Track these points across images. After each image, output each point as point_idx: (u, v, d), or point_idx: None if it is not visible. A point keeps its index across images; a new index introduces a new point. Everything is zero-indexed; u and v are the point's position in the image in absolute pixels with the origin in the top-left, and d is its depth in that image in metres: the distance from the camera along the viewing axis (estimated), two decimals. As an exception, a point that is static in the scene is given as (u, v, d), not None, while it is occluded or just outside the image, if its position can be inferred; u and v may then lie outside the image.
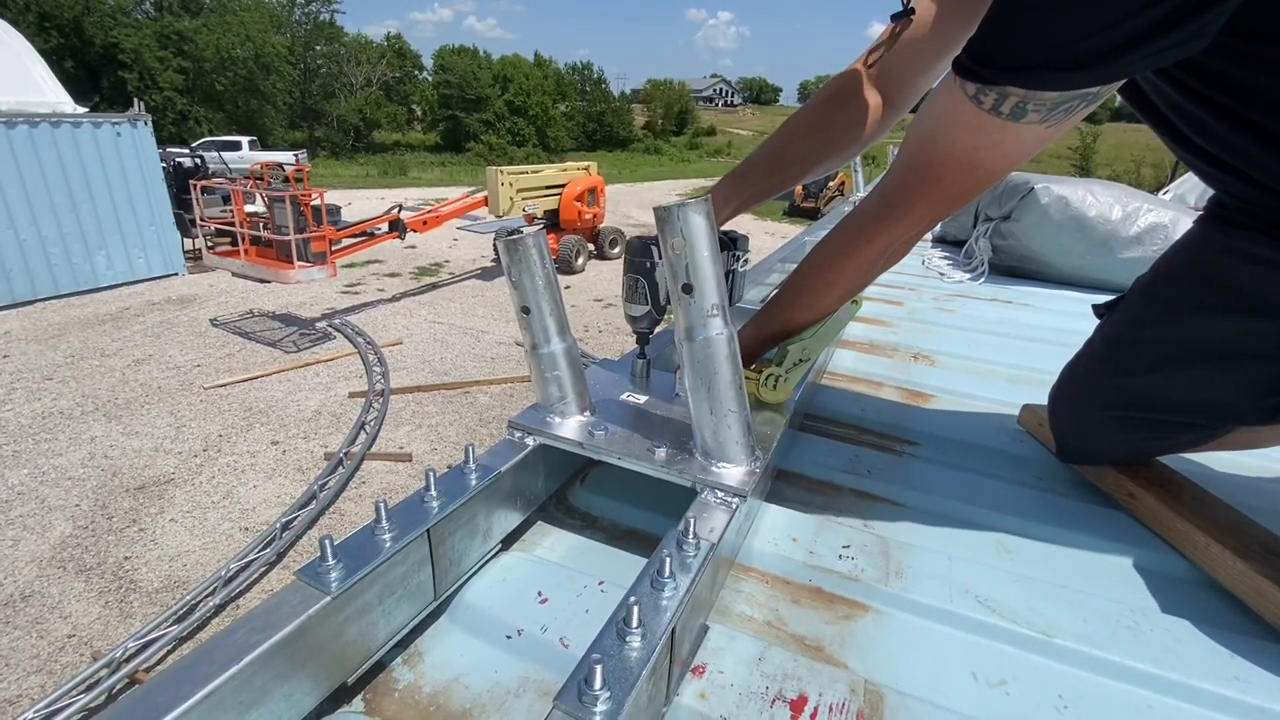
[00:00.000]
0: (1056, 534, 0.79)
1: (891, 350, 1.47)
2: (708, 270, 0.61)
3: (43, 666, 2.71)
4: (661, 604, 0.50)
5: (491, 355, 6.35)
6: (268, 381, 5.50)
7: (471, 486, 0.65)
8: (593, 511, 0.83)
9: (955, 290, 2.11)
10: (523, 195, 8.81)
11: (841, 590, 0.69)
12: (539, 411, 0.79)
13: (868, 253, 0.77)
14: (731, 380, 0.65)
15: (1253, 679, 0.58)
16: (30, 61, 7.65)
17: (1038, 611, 0.65)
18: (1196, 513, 0.76)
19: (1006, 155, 0.63)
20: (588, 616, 0.62)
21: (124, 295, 7.67)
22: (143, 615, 2.98)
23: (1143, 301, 0.82)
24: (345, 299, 8.00)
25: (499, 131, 35.47)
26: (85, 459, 4.24)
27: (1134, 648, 0.61)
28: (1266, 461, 0.98)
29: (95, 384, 5.33)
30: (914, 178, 0.70)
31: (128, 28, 23.31)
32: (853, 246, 0.78)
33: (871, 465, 0.93)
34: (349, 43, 33.16)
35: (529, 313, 0.73)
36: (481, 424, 4.95)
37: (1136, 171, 25.06)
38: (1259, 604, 0.65)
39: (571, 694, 0.42)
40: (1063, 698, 0.57)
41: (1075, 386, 0.89)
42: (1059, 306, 1.93)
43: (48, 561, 3.31)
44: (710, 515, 0.63)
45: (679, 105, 52.40)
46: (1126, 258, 2.06)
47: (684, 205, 0.58)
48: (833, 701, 0.55)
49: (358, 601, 0.53)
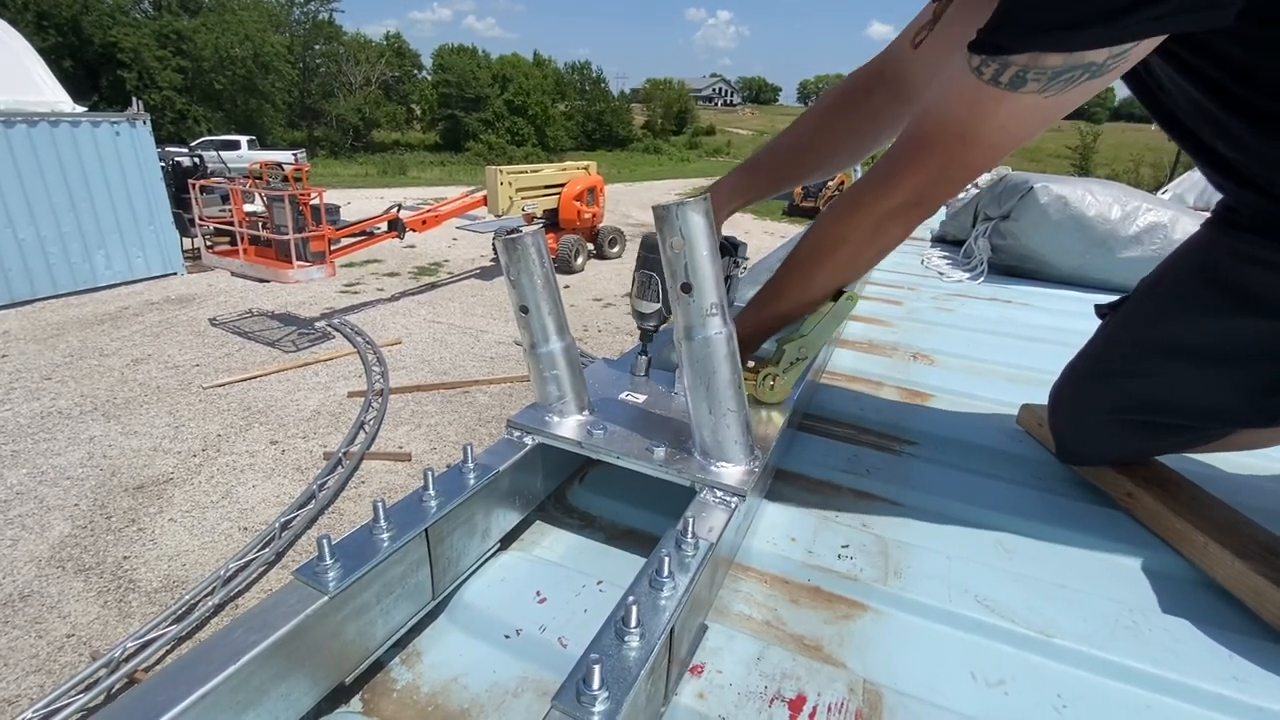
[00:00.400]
0: (1055, 533, 0.79)
1: (891, 350, 1.47)
2: (707, 269, 0.60)
3: (41, 666, 2.71)
4: (660, 603, 0.50)
5: (490, 355, 6.34)
6: (267, 381, 5.50)
7: (470, 486, 0.65)
8: (591, 511, 0.82)
9: (954, 289, 2.11)
10: (522, 195, 8.80)
11: (840, 590, 0.69)
12: (538, 411, 0.79)
13: (857, 220, 0.76)
14: (730, 379, 0.65)
15: (1251, 678, 0.58)
16: (29, 61, 7.63)
17: (1036, 611, 0.65)
18: (1195, 512, 0.76)
19: (1002, 129, 0.62)
20: (586, 616, 0.62)
21: (123, 295, 7.67)
22: (141, 615, 2.98)
23: (1146, 303, 0.81)
24: (344, 298, 8.00)
25: (498, 131, 35.45)
26: (84, 459, 4.23)
27: (1133, 647, 0.61)
28: (1265, 461, 0.98)
29: (94, 384, 5.32)
30: (907, 148, 0.71)
31: (126, 27, 23.29)
32: (844, 212, 0.77)
33: (870, 465, 0.93)
34: (348, 42, 33.13)
35: (527, 312, 0.72)
36: (480, 423, 4.95)
37: (1136, 171, 25.11)
38: (1257, 604, 0.65)
39: (570, 694, 0.41)
40: (1061, 697, 0.57)
41: (1075, 387, 0.89)
42: (1058, 306, 1.93)
43: (46, 561, 3.31)
44: (709, 515, 0.63)
45: (678, 105, 52.39)
46: (1126, 257, 2.06)
47: (683, 204, 0.58)
48: (831, 701, 0.55)
49: (356, 601, 0.53)
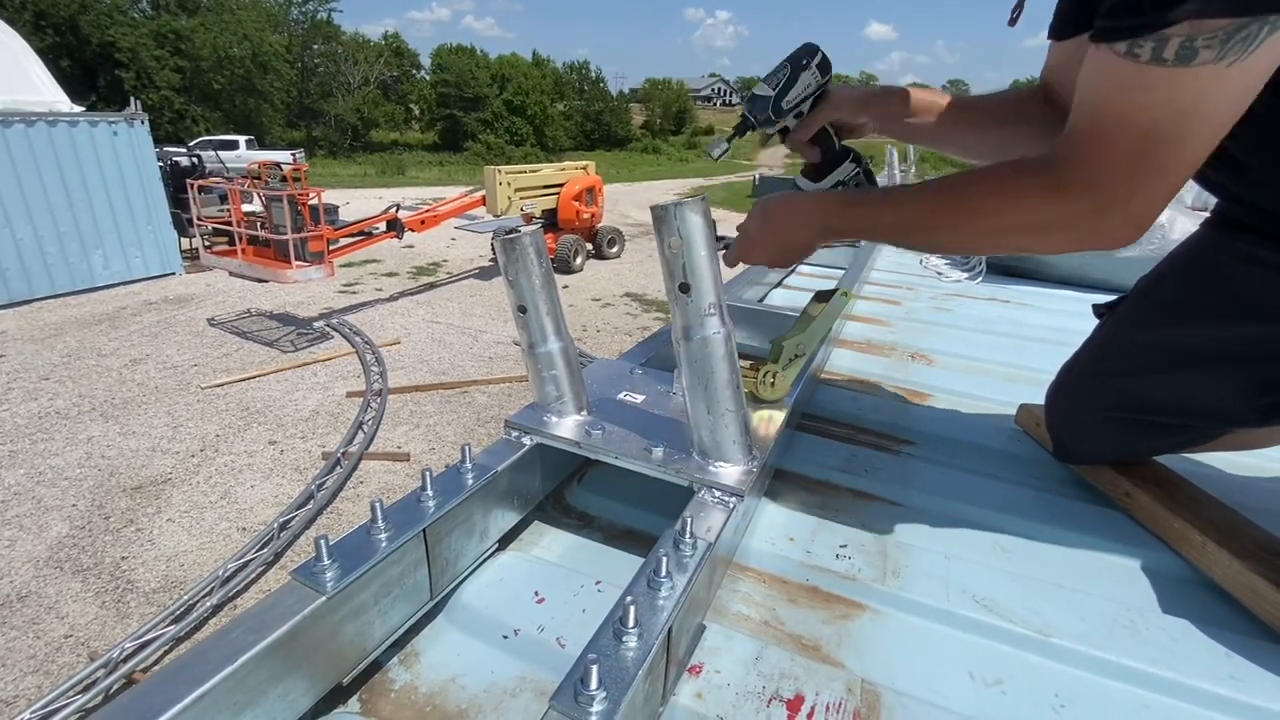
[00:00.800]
0: (1053, 533, 0.79)
1: (889, 350, 1.47)
2: (705, 269, 0.61)
3: (39, 667, 2.70)
4: (658, 603, 0.50)
5: (489, 355, 6.34)
6: (265, 381, 5.49)
7: (468, 486, 0.64)
8: (590, 511, 0.82)
9: (953, 290, 2.11)
10: (521, 195, 8.79)
11: (839, 590, 0.69)
12: (536, 411, 0.79)
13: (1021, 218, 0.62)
14: (729, 379, 0.65)
15: (1249, 678, 0.58)
16: (26, 60, 7.62)
17: (1034, 611, 0.65)
18: (1192, 512, 0.76)
19: (1189, 112, 0.50)
20: (585, 616, 0.62)
21: (121, 295, 7.65)
22: (140, 615, 2.97)
23: (1144, 303, 0.81)
24: (343, 298, 7.98)
25: (497, 131, 35.46)
26: (82, 459, 4.22)
27: (1130, 647, 0.61)
28: (1263, 460, 0.99)
29: (92, 384, 5.31)
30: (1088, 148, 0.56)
31: (124, 26, 23.24)
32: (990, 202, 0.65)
33: (869, 465, 0.93)
34: (346, 42, 33.12)
35: (526, 312, 0.73)
36: (479, 423, 4.94)
37: (1134, 171, 25.20)
38: (1255, 603, 0.65)
39: (568, 694, 0.41)
40: (1059, 697, 0.57)
41: (1072, 386, 0.89)
42: (1056, 306, 1.93)
43: (44, 562, 3.30)
44: (707, 515, 0.63)
45: (677, 105, 52.43)
46: (1124, 257, 2.05)
47: (680, 204, 0.58)
48: (829, 701, 0.55)
49: (353, 601, 0.53)
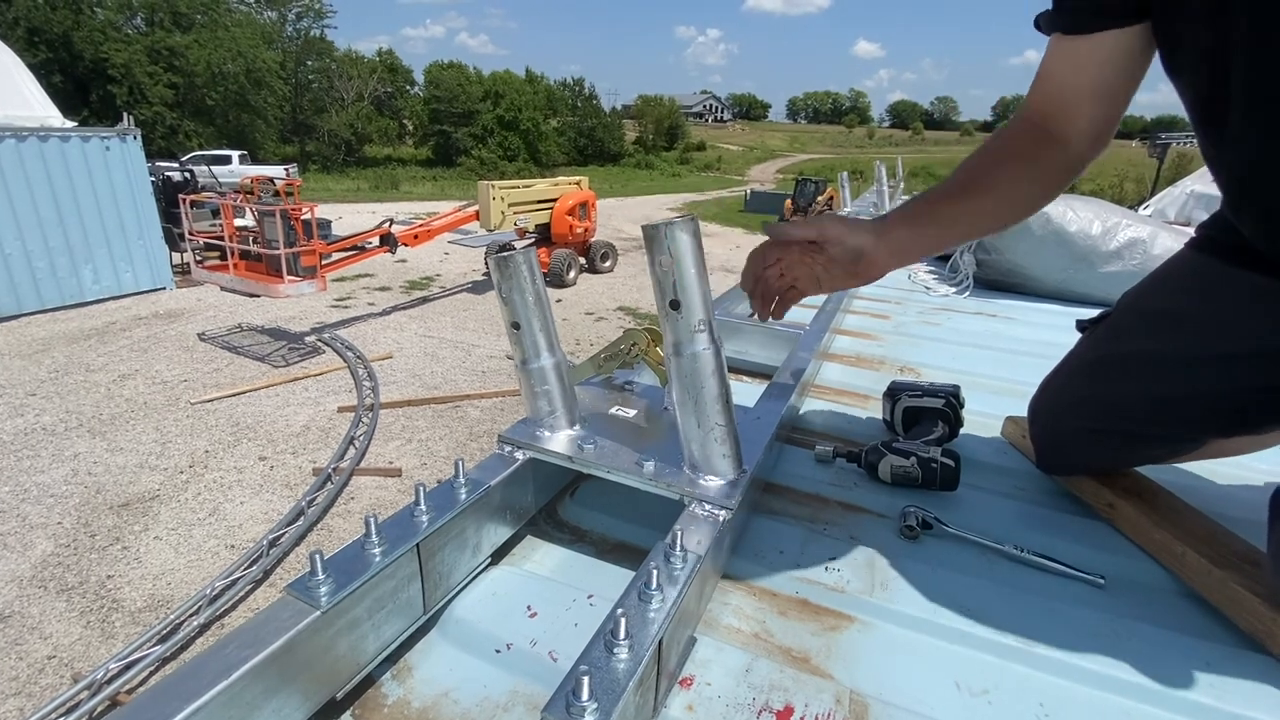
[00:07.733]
0: (1039, 543, 0.80)
1: (878, 363, 1.49)
2: (694, 287, 0.62)
3: (21, 689, 2.65)
4: (649, 616, 0.50)
5: (482, 369, 6.33)
6: (256, 396, 5.45)
7: (461, 501, 0.65)
8: (582, 525, 0.83)
9: (941, 304, 2.14)
10: (514, 209, 8.81)
11: (827, 601, 0.70)
12: (529, 426, 0.79)
13: None
14: (718, 394, 0.66)
15: (1229, 687, 0.60)
16: (18, 75, 7.61)
17: (1019, 621, 0.66)
18: (1174, 523, 0.78)
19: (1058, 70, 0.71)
20: (577, 630, 0.63)
21: (110, 309, 7.59)
22: (125, 635, 2.92)
23: (1125, 317, 0.84)
24: (335, 313, 7.96)
25: (490, 146, 35.63)
26: (68, 476, 4.17)
27: (1114, 656, 0.62)
28: (1241, 470, 1.00)
29: (79, 399, 5.25)
30: None
31: (118, 43, 23.26)
32: None
33: (857, 478, 0.95)
34: (340, 58, 33.28)
35: (519, 328, 0.74)
36: (472, 438, 4.92)
37: (1120, 186, 25.64)
38: (1234, 612, 0.67)
39: (559, 705, 0.42)
40: (1044, 706, 0.58)
41: (1053, 397, 0.91)
42: (1042, 320, 1.96)
43: (28, 581, 3.25)
44: (697, 528, 0.64)
45: (669, 120, 52.97)
46: (1107, 272, 2.10)
47: (671, 224, 0.60)
48: (819, 712, 0.55)
49: (347, 616, 0.53)
